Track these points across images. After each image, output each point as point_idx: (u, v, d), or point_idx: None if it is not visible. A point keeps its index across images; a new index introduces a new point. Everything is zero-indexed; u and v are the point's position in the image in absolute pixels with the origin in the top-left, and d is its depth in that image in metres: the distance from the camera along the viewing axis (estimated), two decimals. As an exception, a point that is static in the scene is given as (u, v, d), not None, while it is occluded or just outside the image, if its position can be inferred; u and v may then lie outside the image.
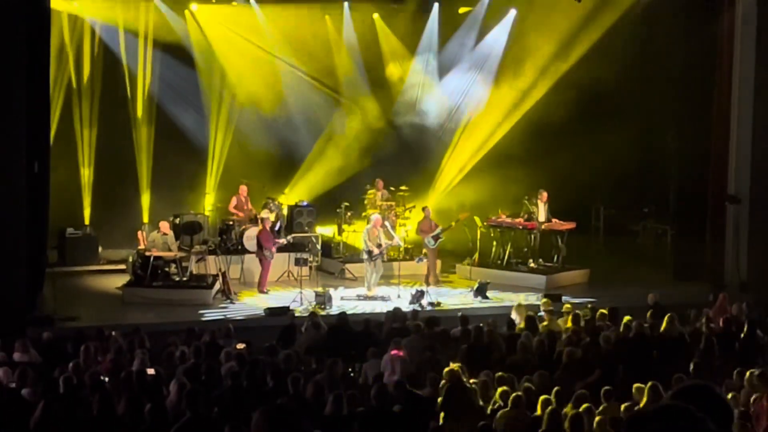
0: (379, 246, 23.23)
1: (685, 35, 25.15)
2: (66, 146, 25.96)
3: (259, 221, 24.34)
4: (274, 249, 23.61)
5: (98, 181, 26.65)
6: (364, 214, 26.17)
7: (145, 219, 26.42)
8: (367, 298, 22.97)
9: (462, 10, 28.22)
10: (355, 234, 25.98)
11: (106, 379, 13.51)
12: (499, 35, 28.19)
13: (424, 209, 25.17)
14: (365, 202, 26.63)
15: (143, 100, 26.72)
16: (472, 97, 28.75)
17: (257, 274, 24.04)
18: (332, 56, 28.15)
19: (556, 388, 13.17)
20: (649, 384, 12.66)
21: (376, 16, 28.15)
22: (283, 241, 24.09)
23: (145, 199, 26.90)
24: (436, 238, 24.53)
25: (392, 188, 26.99)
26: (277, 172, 28.03)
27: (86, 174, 26.57)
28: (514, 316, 18.57)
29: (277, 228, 24.42)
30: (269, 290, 23.60)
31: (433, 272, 24.72)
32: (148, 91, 26.72)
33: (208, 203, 27.00)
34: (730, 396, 12.92)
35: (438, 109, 28.82)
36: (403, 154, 28.39)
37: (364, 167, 27.94)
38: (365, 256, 23.46)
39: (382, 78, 28.59)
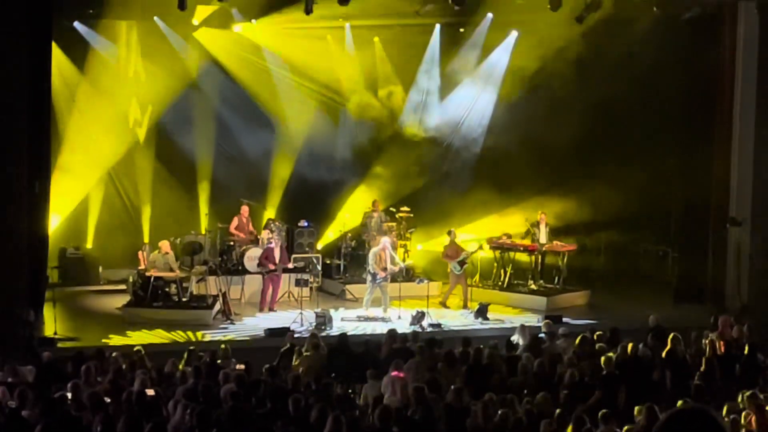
0: (384, 270, 23.19)
1: (687, 57, 25.18)
2: (69, 167, 25.98)
3: (265, 240, 24.45)
4: (271, 266, 23.70)
5: (101, 201, 26.64)
6: (364, 236, 26.18)
7: (146, 239, 26.35)
8: (367, 319, 22.94)
9: (463, 30, 28.25)
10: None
11: (107, 399, 13.50)
12: (501, 56, 28.25)
13: (449, 233, 24.96)
14: (365, 223, 26.64)
15: (146, 120, 26.73)
16: (475, 118, 28.84)
17: (258, 294, 24.14)
18: (335, 74, 28.22)
19: (557, 411, 13.16)
20: (646, 405, 12.66)
21: (376, 39, 28.19)
22: (290, 265, 24.14)
23: (146, 220, 26.87)
24: (461, 263, 24.46)
25: (393, 209, 27.06)
26: (278, 192, 28.04)
27: (91, 195, 26.56)
28: (515, 337, 18.56)
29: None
30: (273, 310, 23.68)
31: (464, 294, 24.64)
32: (151, 111, 26.76)
33: (209, 224, 26.88)
34: (731, 418, 12.91)
35: (440, 128, 28.86)
36: (404, 173, 28.36)
37: (366, 186, 27.98)
38: (369, 278, 23.45)
39: (384, 98, 28.61)
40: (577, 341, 17.75)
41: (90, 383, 14.42)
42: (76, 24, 25.26)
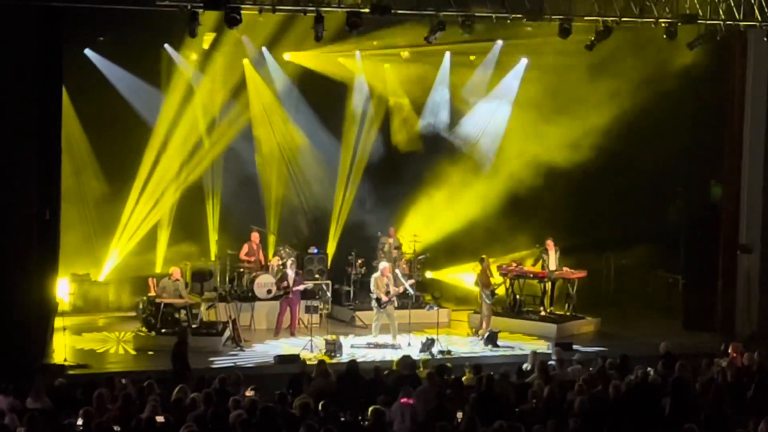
0: (387, 294, 23.21)
1: (697, 83, 25.18)
2: (79, 193, 26.08)
3: (275, 267, 24.61)
4: (284, 284, 24.00)
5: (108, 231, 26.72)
6: (374, 262, 26.08)
7: (158, 269, 26.23)
8: (377, 345, 22.93)
9: (473, 57, 28.31)
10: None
11: (116, 428, 13.51)
12: (511, 82, 28.32)
13: (481, 261, 24.84)
14: (380, 248, 26.63)
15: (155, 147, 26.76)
16: (486, 141, 28.88)
17: (265, 321, 24.37)
18: (344, 98, 28.34)
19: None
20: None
21: (387, 66, 28.27)
22: (301, 287, 24.18)
23: (161, 248, 26.87)
24: (493, 293, 24.42)
25: (402, 236, 27.09)
26: (288, 219, 28.07)
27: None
28: (527, 365, 18.55)
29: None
30: (293, 335, 23.88)
31: (486, 324, 24.41)
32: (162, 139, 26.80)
33: (219, 250, 26.86)
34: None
35: (451, 151, 28.87)
36: (413, 195, 28.37)
37: (374, 212, 28.04)
38: (374, 304, 23.46)
39: (393, 122, 28.65)
40: (588, 369, 17.73)
41: (100, 410, 14.41)
42: (87, 51, 25.34)
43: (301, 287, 24.18)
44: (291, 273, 24.12)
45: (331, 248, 28.01)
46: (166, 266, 25.68)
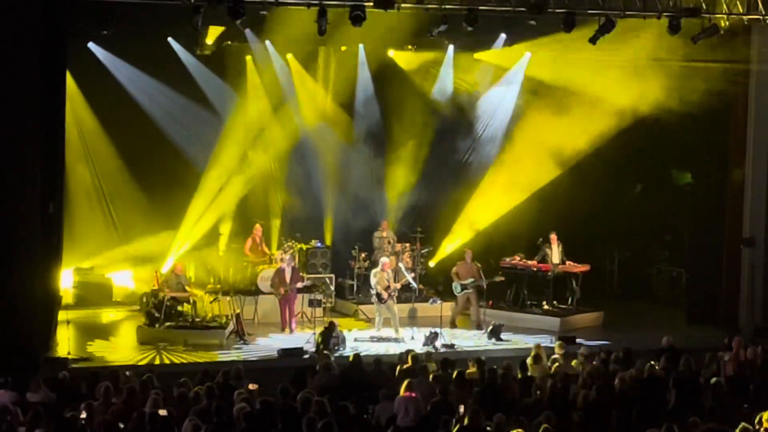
0: (387, 289, 23.24)
1: (700, 76, 25.13)
2: (84, 187, 26.11)
3: (278, 261, 24.59)
4: (281, 291, 23.85)
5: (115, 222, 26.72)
6: (371, 255, 26.09)
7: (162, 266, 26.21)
8: (380, 339, 22.95)
9: (477, 55, 28.25)
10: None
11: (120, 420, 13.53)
12: (515, 75, 28.29)
13: (465, 252, 25.06)
14: (375, 244, 26.61)
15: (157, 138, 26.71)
16: (489, 133, 28.87)
17: (269, 315, 24.40)
18: (345, 91, 28.32)
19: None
20: (664, 427, 12.65)
21: (392, 53, 28.22)
22: (300, 284, 24.15)
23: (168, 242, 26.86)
24: (464, 287, 24.45)
25: (404, 230, 27.04)
26: (291, 212, 28.05)
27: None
28: (531, 358, 18.58)
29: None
30: (291, 330, 23.79)
31: (454, 315, 24.57)
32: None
33: (222, 244, 26.88)
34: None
35: (454, 143, 28.86)
36: (416, 186, 28.36)
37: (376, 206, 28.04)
38: (375, 299, 23.49)
39: (398, 110, 28.60)
40: (592, 362, 17.75)
41: (105, 403, 14.44)
42: (91, 45, 25.31)
43: (299, 284, 24.13)
44: (288, 270, 24.08)
45: (328, 241, 27.94)
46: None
